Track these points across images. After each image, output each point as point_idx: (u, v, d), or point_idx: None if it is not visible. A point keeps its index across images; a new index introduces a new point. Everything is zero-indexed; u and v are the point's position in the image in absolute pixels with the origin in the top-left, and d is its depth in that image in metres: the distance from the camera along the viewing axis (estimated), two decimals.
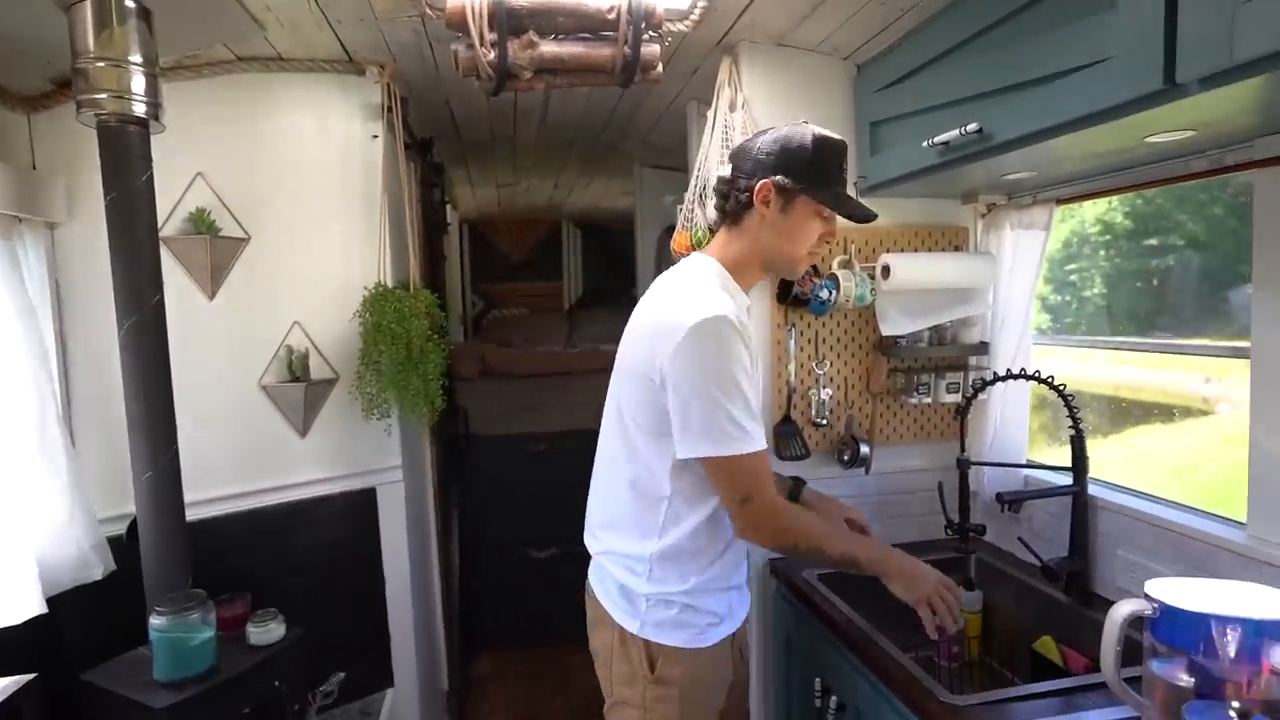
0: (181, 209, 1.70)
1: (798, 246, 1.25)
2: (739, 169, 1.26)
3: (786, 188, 1.20)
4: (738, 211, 1.26)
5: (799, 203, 1.22)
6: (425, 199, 2.66)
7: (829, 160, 1.23)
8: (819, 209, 1.23)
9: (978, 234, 1.99)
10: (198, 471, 1.71)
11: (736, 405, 1.14)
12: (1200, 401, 1.73)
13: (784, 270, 1.34)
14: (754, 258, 1.28)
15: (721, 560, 1.30)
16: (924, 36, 1.57)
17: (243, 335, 1.78)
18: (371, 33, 1.71)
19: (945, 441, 2.01)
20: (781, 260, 1.28)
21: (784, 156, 1.21)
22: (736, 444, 1.14)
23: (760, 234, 1.25)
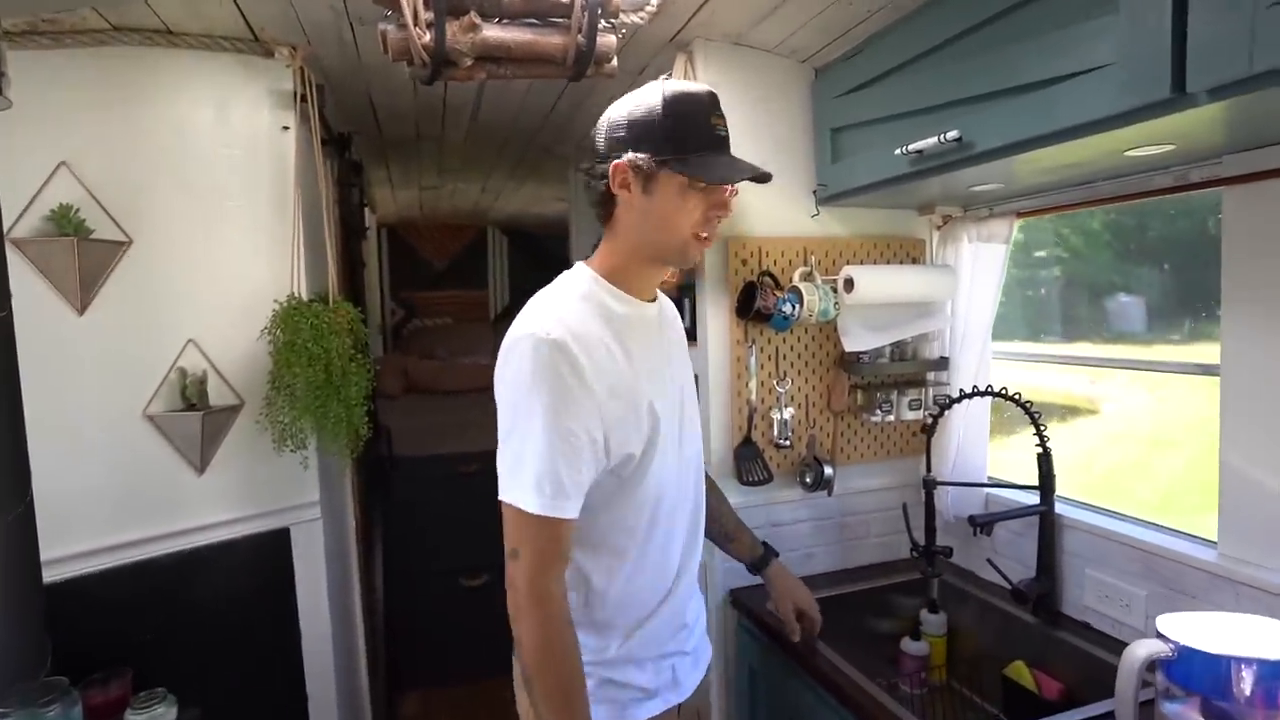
0: (40, 205, 1.41)
1: (677, 230, 1.00)
2: (595, 153, 1.04)
3: (641, 164, 0.97)
4: (603, 202, 1.04)
5: (661, 180, 0.98)
6: (343, 200, 2.40)
7: (688, 120, 0.98)
8: (686, 182, 0.98)
9: (933, 246, 1.95)
10: (65, 522, 1.43)
11: (529, 444, 0.94)
12: (1087, 402, 1.89)
13: (676, 260, 1.05)
14: (637, 253, 1.05)
15: (652, 625, 1.12)
16: (892, 40, 1.50)
17: (122, 356, 1.50)
18: (281, 7, 1.48)
19: (907, 459, 1.96)
20: (663, 249, 1.03)
21: (634, 128, 0.98)
22: (513, 491, 0.95)
23: (632, 224, 1.02)
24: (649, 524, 1.09)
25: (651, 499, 1.08)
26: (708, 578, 1.83)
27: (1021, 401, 1.60)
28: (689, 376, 1.23)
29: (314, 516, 1.76)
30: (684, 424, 1.16)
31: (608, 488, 1.04)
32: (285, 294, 1.60)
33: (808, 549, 1.88)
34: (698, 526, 1.22)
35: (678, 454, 1.13)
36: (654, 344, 1.11)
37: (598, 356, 0.97)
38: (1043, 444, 1.60)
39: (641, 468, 1.05)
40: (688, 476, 1.17)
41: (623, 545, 1.08)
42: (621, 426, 1.00)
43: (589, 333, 0.99)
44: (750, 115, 1.77)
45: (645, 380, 1.04)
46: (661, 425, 1.05)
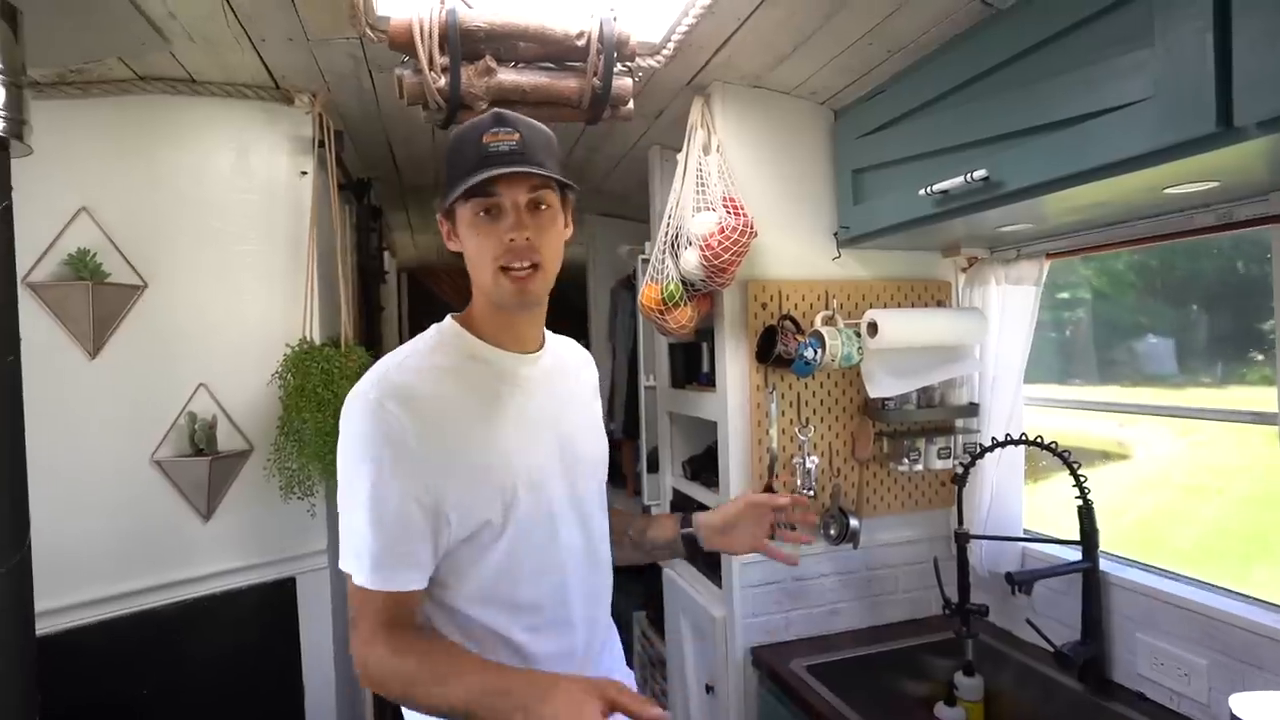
0: (59, 249, 1.42)
1: (482, 265, 0.93)
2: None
3: (440, 209, 0.96)
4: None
5: (459, 217, 0.94)
6: (361, 245, 2.42)
7: (461, 149, 0.93)
8: (464, 213, 0.92)
9: (959, 288, 1.89)
10: (67, 570, 1.40)
11: (350, 514, 0.89)
12: (1117, 446, 1.81)
13: (500, 299, 0.95)
14: (483, 300, 0.99)
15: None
16: (915, 79, 1.48)
17: (133, 400, 1.49)
18: (302, 55, 1.50)
19: (937, 510, 1.86)
20: (485, 289, 0.96)
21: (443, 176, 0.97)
22: (344, 561, 0.91)
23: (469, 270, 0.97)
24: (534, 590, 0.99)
25: (531, 564, 0.98)
26: (726, 633, 1.74)
27: (1059, 451, 1.52)
28: (586, 420, 1.13)
29: (321, 565, 1.71)
30: (576, 475, 1.05)
31: (467, 555, 0.95)
32: (296, 338, 1.58)
33: (832, 605, 1.78)
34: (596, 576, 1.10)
35: (568, 508, 1.03)
36: (531, 397, 1.01)
37: (431, 415, 0.90)
38: (1083, 496, 1.51)
39: (510, 533, 0.95)
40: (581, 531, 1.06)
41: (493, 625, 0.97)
42: (467, 491, 0.91)
43: (424, 390, 0.91)
44: (770, 157, 1.75)
45: (510, 438, 0.96)
46: (537, 485, 0.97)
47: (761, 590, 1.74)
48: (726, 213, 1.58)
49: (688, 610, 2.01)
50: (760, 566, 1.73)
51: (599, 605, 1.11)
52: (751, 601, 1.74)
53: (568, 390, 1.09)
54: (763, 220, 1.71)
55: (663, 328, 1.73)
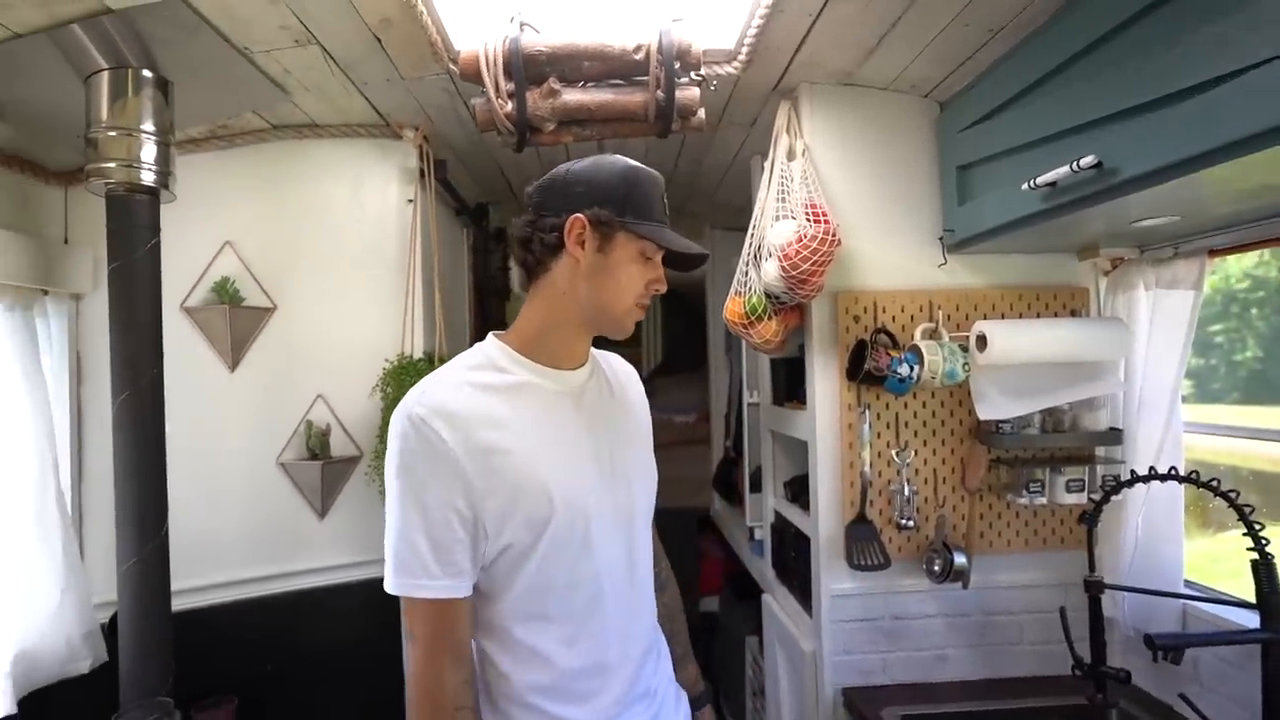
0: (208, 278, 1.65)
1: (621, 296, 0.97)
2: (543, 206, 0.98)
3: (604, 220, 0.94)
4: (543, 258, 0.98)
5: (618, 240, 0.95)
6: (480, 265, 2.58)
7: (648, 193, 0.97)
8: (642, 247, 0.96)
9: (1100, 295, 1.63)
10: (205, 554, 1.61)
11: (392, 528, 0.91)
12: None
13: (609, 328, 1.00)
14: (569, 316, 0.98)
15: None
16: (1017, 61, 1.30)
17: (263, 409, 1.69)
18: (401, 94, 1.64)
19: (1067, 551, 1.61)
20: (604, 314, 0.98)
21: (596, 188, 0.96)
22: (387, 576, 0.92)
23: (575, 284, 0.97)
24: (567, 604, 0.98)
25: (565, 578, 0.97)
26: (816, 669, 1.62)
27: (1223, 491, 1.25)
28: (633, 435, 1.11)
29: None
30: (619, 490, 1.03)
31: (504, 568, 0.95)
32: (395, 353, 1.71)
33: (938, 650, 1.60)
34: (634, 593, 1.06)
35: (609, 524, 1.01)
36: (574, 411, 1.01)
37: (471, 430, 0.90)
38: (1260, 549, 1.22)
39: (545, 552, 0.94)
40: (622, 545, 1.03)
41: (532, 640, 0.97)
42: (504, 505, 0.91)
43: (463, 406, 0.92)
44: (865, 159, 1.63)
45: (550, 453, 0.96)
46: (573, 503, 0.95)
47: (855, 626, 1.60)
48: (807, 220, 1.49)
49: (783, 640, 1.90)
50: (855, 599, 1.60)
51: (636, 621, 1.08)
52: (844, 637, 1.60)
53: (613, 404, 1.08)
54: (855, 227, 1.59)
55: (749, 342, 1.67)
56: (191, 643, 1.44)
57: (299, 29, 1.29)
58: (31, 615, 1.39)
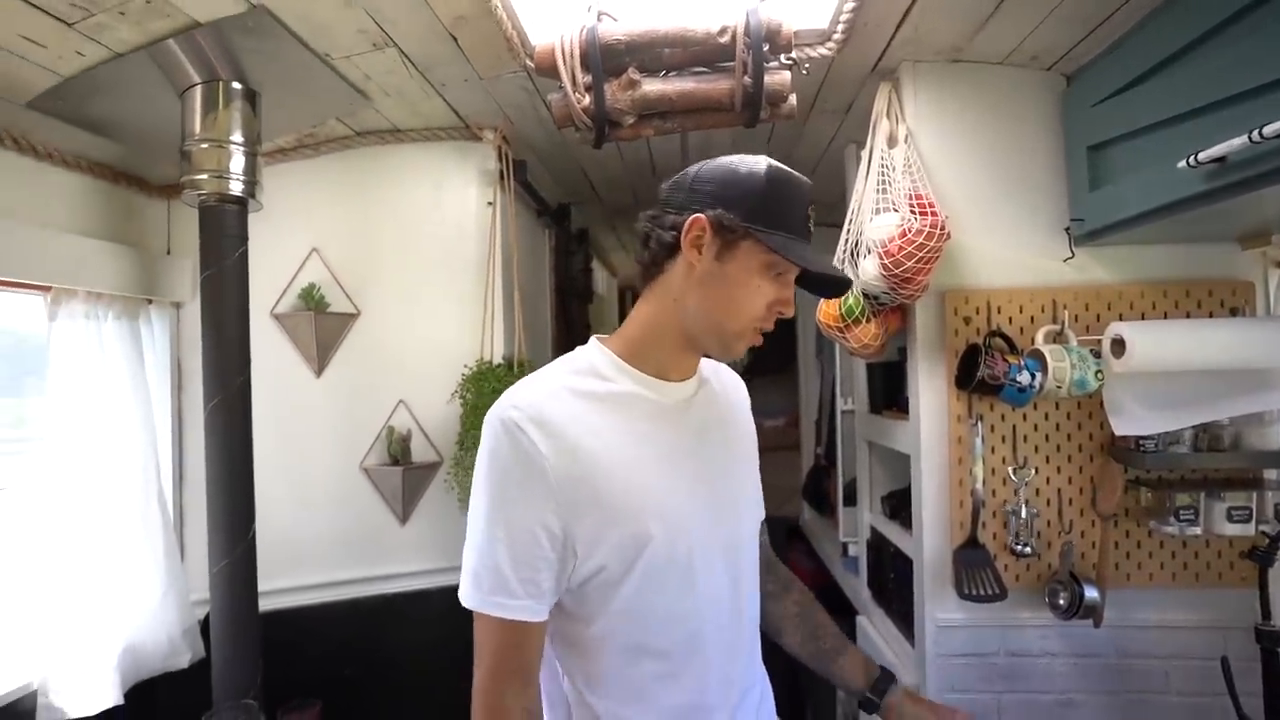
0: (296, 285, 1.68)
1: (737, 313, 0.86)
2: (668, 202, 0.89)
3: (726, 224, 0.83)
4: (659, 258, 0.88)
5: (743, 249, 0.84)
6: (562, 267, 2.55)
7: (788, 200, 0.85)
8: (769, 261, 0.84)
9: (1270, 290, 1.39)
10: (293, 556, 1.64)
11: (474, 537, 0.84)
12: None
13: (715, 348, 0.90)
14: (675, 327, 0.89)
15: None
16: (1170, 15, 1.12)
17: (347, 414, 1.71)
18: (480, 94, 1.61)
19: (1228, 590, 1.38)
20: (713, 332, 0.87)
21: (727, 187, 0.85)
22: (463, 587, 0.85)
23: (686, 291, 0.86)
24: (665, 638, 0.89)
25: (663, 609, 0.88)
26: None
27: None
28: (741, 453, 1.00)
29: None
30: (726, 516, 0.93)
31: (596, 592, 0.87)
32: (475, 358, 1.69)
33: (1065, 693, 1.41)
34: (739, 628, 0.97)
35: (714, 553, 0.91)
36: (679, 428, 0.92)
37: (566, 441, 0.83)
38: None
39: (641, 579, 0.86)
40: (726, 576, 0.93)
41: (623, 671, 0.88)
42: (597, 524, 0.83)
43: (560, 414, 0.84)
44: (976, 144, 1.46)
45: (650, 472, 0.87)
46: (674, 527, 0.87)
47: (964, 662, 1.44)
48: (911, 213, 1.35)
49: None
50: (964, 631, 1.44)
51: (738, 661, 0.98)
52: (951, 673, 1.44)
53: (721, 423, 0.98)
54: (964, 219, 1.43)
55: (844, 346, 1.54)
56: (279, 643, 1.46)
57: (376, 32, 1.28)
58: (136, 612, 1.45)
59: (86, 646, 1.34)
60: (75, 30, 1.13)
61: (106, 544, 1.41)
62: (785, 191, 0.86)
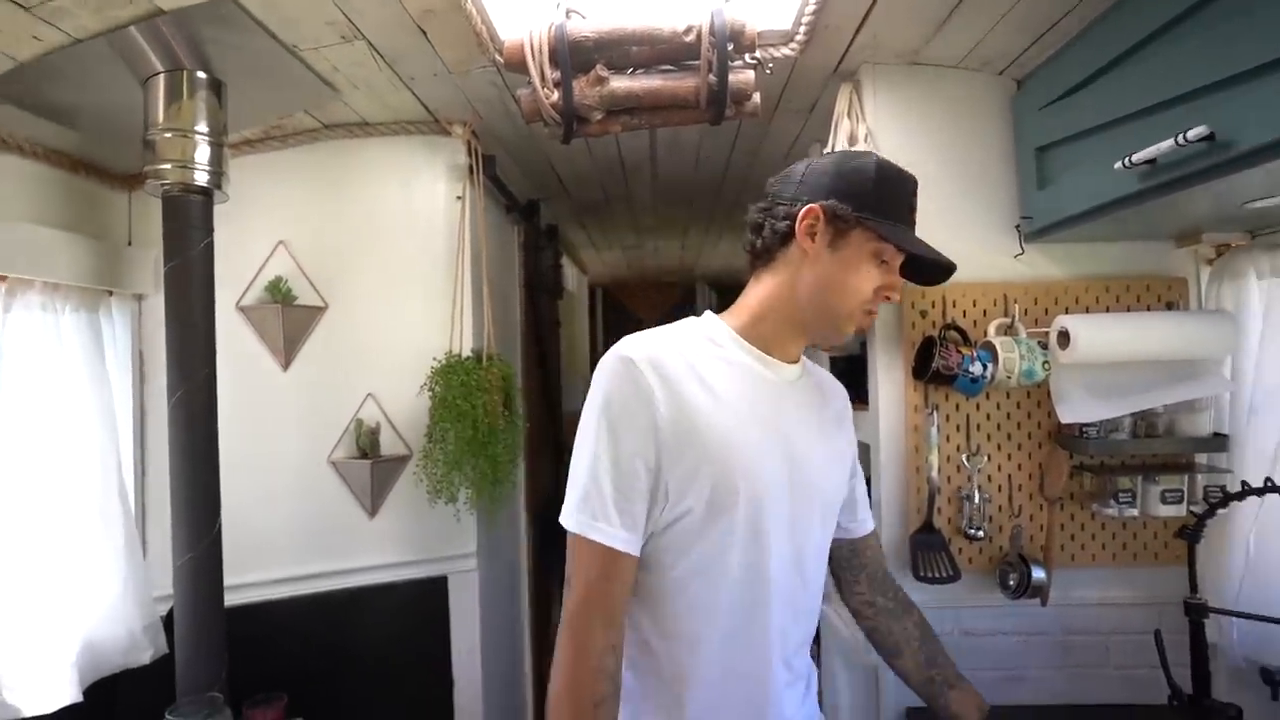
0: (263, 278, 1.67)
1: (847, 297, 0.92)
2: (779, 195, 0.96)
3: (840, 213, 0.90)
4: (771, 246, 0.95)
5: (854, 237, 0.91)
6: (531, 263, 2.56)
7: (896, 193, 0.93)
8: (879, 249, 0.91)
9: (1202, 286, 1.48)
10: (258, 550, 1.63)
11: (580, 464, 0.89)
12: None
13: (824, 331, 0.96)
14: (787, 311, 0.95)
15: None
16: (1110, 25, 1.18)
17: (315, 407, 1.70)
18: (449, 89, 1.61)
19: (1162, 568, 1.46)
20: (824, 315, 0.94)
21: (839, 179, 0.92)
22: (566, 510, 0.89)
23: (800, 275, 0.93)
24: (730, 603, 0.92)
25: (736, 571, 0.91)
26: (878, 688, 1.52)
27: None
28: (826, 450, 1.02)
29: (470, 568, 1.81)
30: (800, 500, 0.96)
31: (673, 539, 0.91)
32: (444, 351, 1.69)
33: (1014, 670, 1.48)
34: (799, 618, 1.00)
35: (784, 532, 0.94)
36: (775, 404, 0.96)
37: (676, 387, 0.89)
38: None
39: (721, 533, 0.90)
40: (792, 557, 0.96)
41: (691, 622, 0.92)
42: (691, 469, 0.88)
43: (674, 363, 0.90)
44: (933, 143, 1.52)
45: (745, 434, 0.91)
46: (758, 493, 0.90)
47: None
48: None
49: (843, 653, 1.80)
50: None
51: (795, 640, 1.00)
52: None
53: (813, 412, 1.02)
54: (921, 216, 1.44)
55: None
56: (245, 638, 1.45)
57: (345, 24, 1.28)
58: (95, 607, 1.42)
59: (43, 643, 1.31)
60: (32, 14, 1.11)
61: (64, 539, 1.38)
62: (892, 184, 0.93)
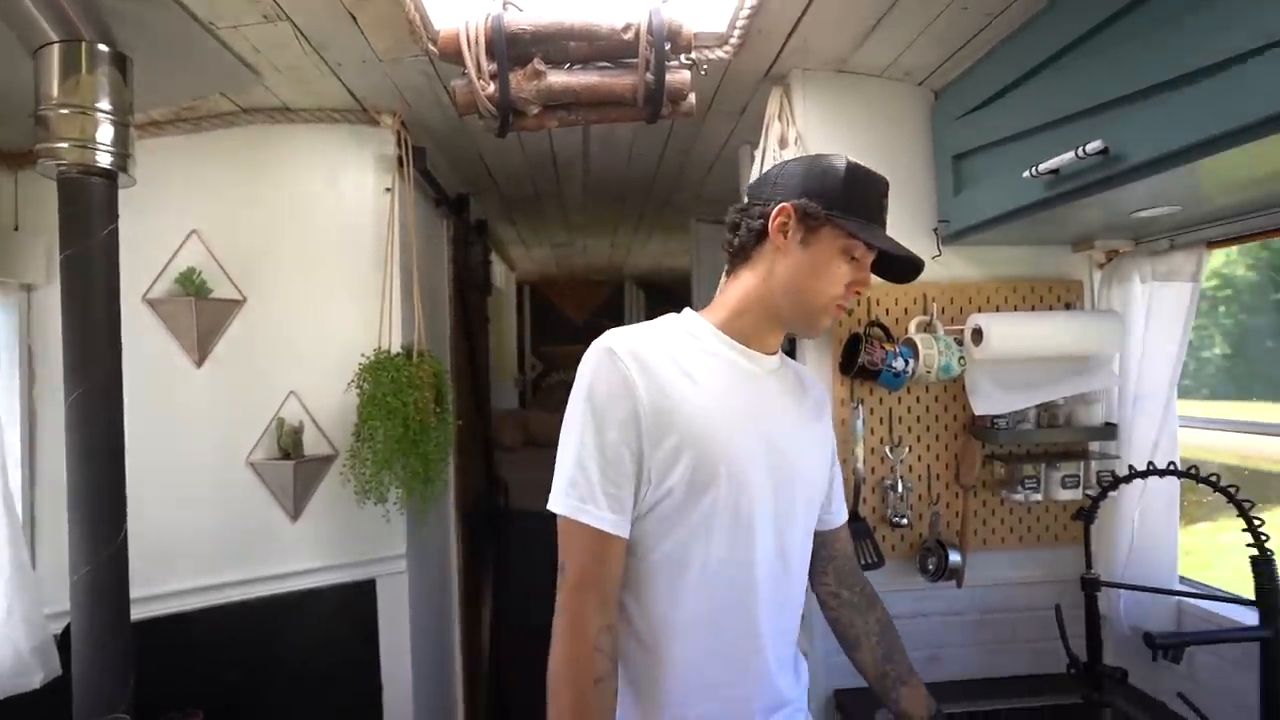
0: (173, 269, 1.57)
1: (819, 291, 0.97)
2: (755, 196, 1.03)
3: (810, 211, 0.95)
4: (747, 244, 1.01)
5: (824, 234, 0.96)
6: (460, 258, 2.50)
7: (866, 193, 0.98)
8: (848, 246, 0.96)
9: (1094, 288, 1.61)
10: (170, 559, 1.54)
11: (567, 451, 0.94)
12: None
13: (799, 324, 1.02)
14: (762, 306, 1.00)
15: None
16: (1020, 42, 1.27)
17: (232, 406, 1.61)
18: (378, 77, 1.56)
19: (1063, 548, 1.59)
20: (798, 309, 0.99)
21: (810, 179, 0.97)
22: (554, 496, 0.93)
23: (774, 271, 0.99)
24: (713, 587, 0.96)
25: (720, 551, 0.95)
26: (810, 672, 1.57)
27: (1221, 485, 1.23)
28: (805, 438, 1.06)
29: (400, 570, 1.76)
30: (781, 486, 1.00)
31: (656, 521, 0.95)
32: (373, 347, 1.64)
33: (933, 649, 1.57)
34: (784, 608, 1.04)
35: (768, 516, 0.98)
36: (754, 394, 1.01)
37: (655, 371, 0.94)
38: (1259, 544, 1.20)
39: (703, 515, 0.94)
40: (774, 543, 1.00)
41: (671, 606, 0.95)
42: (673, 453, 0.92)
43: (655, 355, 0.95)
44: (859, 148, 1.58)
45: (725, 421, 0.96)
46: (738, 475, 0.94)
47: None
48: None
49: None
50: None
51: (781, 626, 1.04)
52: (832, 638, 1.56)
53: (791, 401, 1.07)
54: None
55: None
56: (156, 653, 1.36)
57: (268, 2, 1.22)
58: None
59: None
60: None
61: None
62: (862, 184, 0.97)
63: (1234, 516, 1.24)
